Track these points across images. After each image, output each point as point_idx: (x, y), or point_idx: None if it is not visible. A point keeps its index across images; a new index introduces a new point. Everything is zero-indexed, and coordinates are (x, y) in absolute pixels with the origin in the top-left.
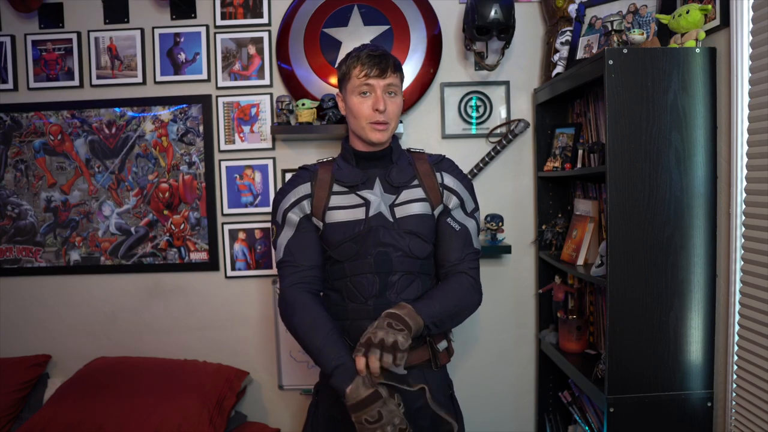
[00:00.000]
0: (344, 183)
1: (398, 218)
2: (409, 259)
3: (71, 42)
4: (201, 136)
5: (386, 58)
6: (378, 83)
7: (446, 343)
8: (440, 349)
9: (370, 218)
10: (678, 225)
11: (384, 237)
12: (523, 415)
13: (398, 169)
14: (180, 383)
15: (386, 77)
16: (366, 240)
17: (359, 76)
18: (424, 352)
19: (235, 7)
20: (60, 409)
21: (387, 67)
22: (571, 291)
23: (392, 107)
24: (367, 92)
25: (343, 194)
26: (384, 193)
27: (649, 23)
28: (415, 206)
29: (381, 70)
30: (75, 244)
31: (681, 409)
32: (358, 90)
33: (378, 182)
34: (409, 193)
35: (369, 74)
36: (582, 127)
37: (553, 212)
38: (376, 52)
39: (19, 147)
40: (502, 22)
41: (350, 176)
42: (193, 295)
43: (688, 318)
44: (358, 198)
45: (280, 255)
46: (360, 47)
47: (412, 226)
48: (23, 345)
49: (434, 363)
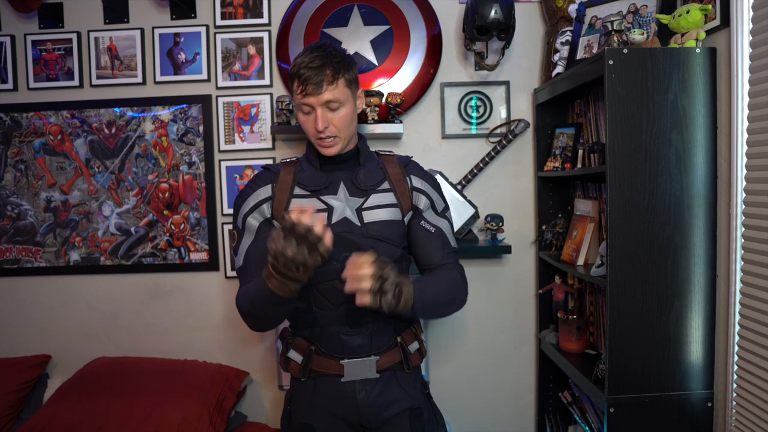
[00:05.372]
0: (306, 186)
1: (366, 223)
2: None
3: (71, 42)
4: (201, 136)
5: (321, 70)
6: (317, 100)
7: (417, 344)
8: (411, 351)
9: (333, 225)
10: (678, 225)
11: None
12: (523, 415)
13: (366, 172)
14: (180, 383)
15: (323, 93)
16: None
17: (297, 93)
18: (395, 355)
19: (235, 7)
20: (60, 409)
21: (322, 80)
22: (571, 291)
23: (337, 120)
24: (308, 111)
25: (305, 197)
26: (349, 197)
27: (649, 23)
28: (384, 212)
29: (316, 86)
30: (75, 244)
31: (681, 410)
32: (300, 108)
33: (342, 186)
34: (378, 197)
35: (305, 92)
36: (582, 127)
37: (553, 212)
38: (314, 63)
39: (19, 147)
40: (502, 22)
41: (312, 180)
42: (193, 295)
43: (689, 318)
44: (320, 203)
45: (240, 262)
46: (305, 50)
47: (379, 233)
48: (23, 345)
49: (406, 365)
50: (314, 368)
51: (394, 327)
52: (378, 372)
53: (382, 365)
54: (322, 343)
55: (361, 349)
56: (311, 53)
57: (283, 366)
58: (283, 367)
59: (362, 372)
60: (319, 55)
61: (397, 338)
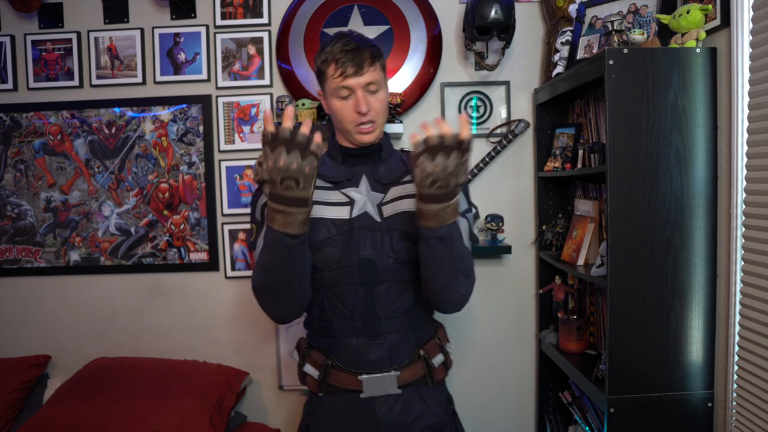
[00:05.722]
0: (327, 178)
1: (386, 217)
2: (397, 266)
3: (71, 42)
4: (201, 136)
5: (361, 51)
6: (357, 83)
7: (442, 356)
8: (436, 365)
9: (354, 219)
10: (678, 225)
11: (368, 242)
12: (523, 415)
13: (387, 167)
14: (180, 383)
15: (364, 74)
16: (349, 245)
17: (335, 77)
18: (418, 369)
19: (235, 7)
20: (60, 409)
21: (363, 62)
22: (571, 291)
23: (376, 104)
24: (347, 95)
25: (326, 190)
26: (371, 192)
27: (650, 23)
28: (405, 203)
29: (357, 67)
30: (75, 244)
31: (681, 410)
32: (336, 93)
33: (365, 180)
34: (399, 189)
35: (344, 74)
36: (582, 127)
37: (553, 212)
38: (350, 45)
39: (19, 147)
40: (502, 22)
41: (334, 172)
42: (193, 295)
43: (689, 318)
44: (342, 196)
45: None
46: (333, 38)
47: (400, 225)
48: (23, 345)
49: (430, 379)
50: (332, 383)
51: (416, 338)
52: (400, 387)
53: (405, 380)
54: (338, 356)
55: (380, 363)
56: (341, 39)
57: (300, 380)
58: (300, 381)
59: (382, 388)
60: (351, 39)
61: (419, 351)
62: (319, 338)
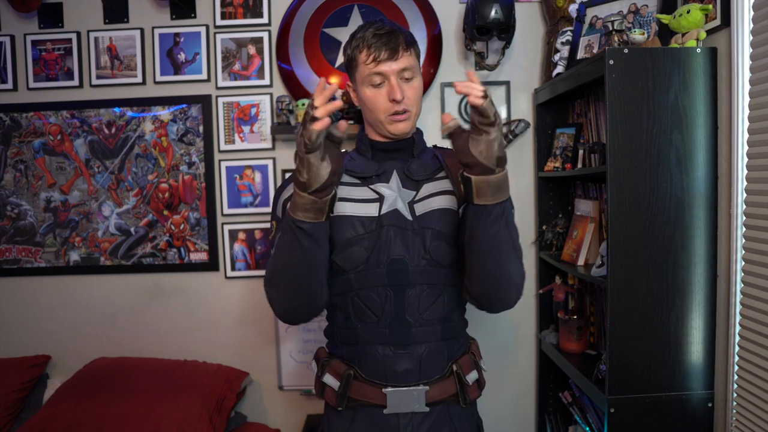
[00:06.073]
0: (355, 173)
1: (418, 216)
2: (430, 269)
3: (71, 42)
4: (201, 136)
5: (395, 36)
6: (390, 69)
7: (476, 374)
8: (469, 382)
9: (383, 216)
10: (679, 225)
11: (399, 242)
12: (523, 415)
13: (419, 163)
14: (180, 384)
15: (398, 59)
16: (377, 244)
17: (367, 63)
18: (450, 385)
19: (235, 7)
20: (60, 409)
21: (397, 46)
22: (571, 291)
23: (411, 92)
24: (379, 82)
25: (353, 186)
26: (402, 189)
27: (650, 23)
28: (439, 199)
29: (391, 52)
30: (75, 244)
31: (681, 410)
32: (368, 81)
33: (395, 175)
34: (432, 186)
35: (378, 58)
36: (582, 127)
37: (553, 212)
38: (383, 29)
39: (19, 147)
40: (502, 22)
41: (363, 167)
42: (192, 295)
43: (689, 318)
44: (371, 192)
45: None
46: (365, 24)
47: (434, 223)
48: (23, 345)
49: (462, 399)
50: (353, 396)
51: (448, 351)
52: (428, 405)
53: (434, 397)
54: (362, 366)
55: (408, 375)
56: (373, 24)
57: (317, 392)
58: (318, 393)
59: (408, 404)
60: (383, 25)
61: (452, 366)
62: (341, 346)
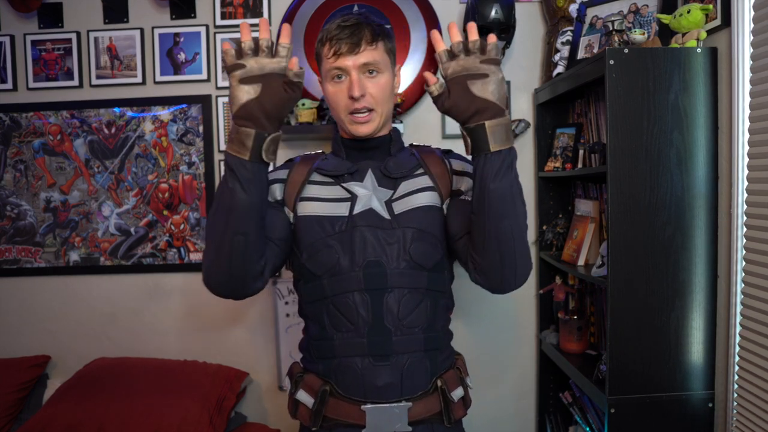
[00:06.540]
0: (326, 171)
1: (397, 214)
2: (411, 271)
3: (71, 42)
4: (201, 136)
5: (359, 28)
6: (352, 63)
7: (462, 390)
8: (454, 399)
9: (356, 216)
10: (679, 225)
11: (375, 243)
12: (523, 415)
13: (396, 160)
14: (180, 384)
15: (360, 53)
16: (350, 246)
17: (328, 57)
18: (434, 403)
19: (235, 6)
20: (59, 409)
21: (360, 39)
22: (571, 291)
23: (375, 89)
24: (340, 75)
25: (324, 185)
26: (378, 187)
27: (650, 23)
28: (420, 197)
29: (352, 45)
30: (74, 244)
31: (682, 410)
32: (329, 75)
33: (370, 174)
34: (410, 183)
35: (338, 52)
36: (583, 127)
37: (553, 212)
38: (349, 21)
39: (19, 147)
40: (502, 21)
41: (335, 166)
42: (192, 295)
43: (690, 318)
44: (342, 191)
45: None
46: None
47: (415, 222)
48: (23, 345)
49: (446, 417)
50: (329, 415)
51: (431, 363)
52: (410, 424)
53: (417, 415)
54: (339, 380)
55: (389, 390)
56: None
57: (290, 411)
58: (291, 412)
59: (389, 422)
60: (353, 16)
61: (436, 381)
62: (317, 361)
